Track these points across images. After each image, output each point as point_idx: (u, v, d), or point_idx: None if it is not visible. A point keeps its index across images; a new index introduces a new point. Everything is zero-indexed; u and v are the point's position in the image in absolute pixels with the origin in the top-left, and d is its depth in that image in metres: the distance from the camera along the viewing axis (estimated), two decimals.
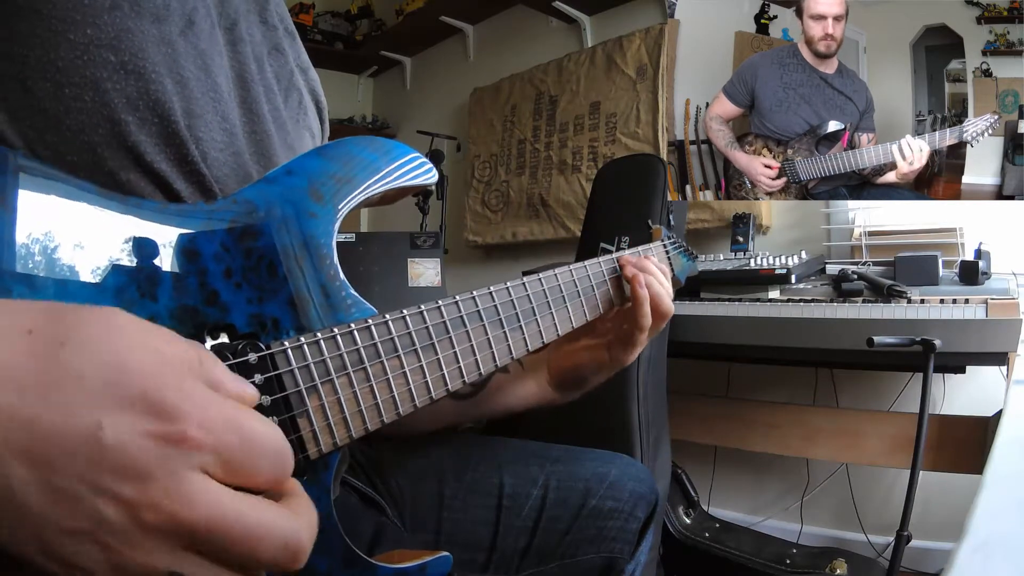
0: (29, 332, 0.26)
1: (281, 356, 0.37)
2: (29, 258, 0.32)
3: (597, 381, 0.73)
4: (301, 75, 0.60)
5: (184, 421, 0.26)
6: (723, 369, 1.94)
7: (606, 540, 0.71)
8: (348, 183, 0.45)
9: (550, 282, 0.57)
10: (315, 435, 0.38)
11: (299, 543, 0.29)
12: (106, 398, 0.25)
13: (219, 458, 0.27)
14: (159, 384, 0.26)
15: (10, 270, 0.31)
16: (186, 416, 0.26)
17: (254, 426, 0.29)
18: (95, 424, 0.25)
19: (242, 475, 0.28)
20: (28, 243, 0.32)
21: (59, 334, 0.26)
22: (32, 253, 0.32)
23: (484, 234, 2.77)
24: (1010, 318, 1.20)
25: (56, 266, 0.33)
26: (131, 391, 0.26)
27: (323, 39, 3.22)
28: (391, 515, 0.69)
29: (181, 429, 0.26)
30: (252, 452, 0.28)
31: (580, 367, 0.71)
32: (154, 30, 0.42)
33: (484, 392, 0.71)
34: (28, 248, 0.32)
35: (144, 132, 0.41)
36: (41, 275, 0.32)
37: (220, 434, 0.27)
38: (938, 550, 1.59)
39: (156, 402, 0.26)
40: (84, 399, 0.25)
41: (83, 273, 0.34)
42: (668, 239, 0.79)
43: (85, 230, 0.34)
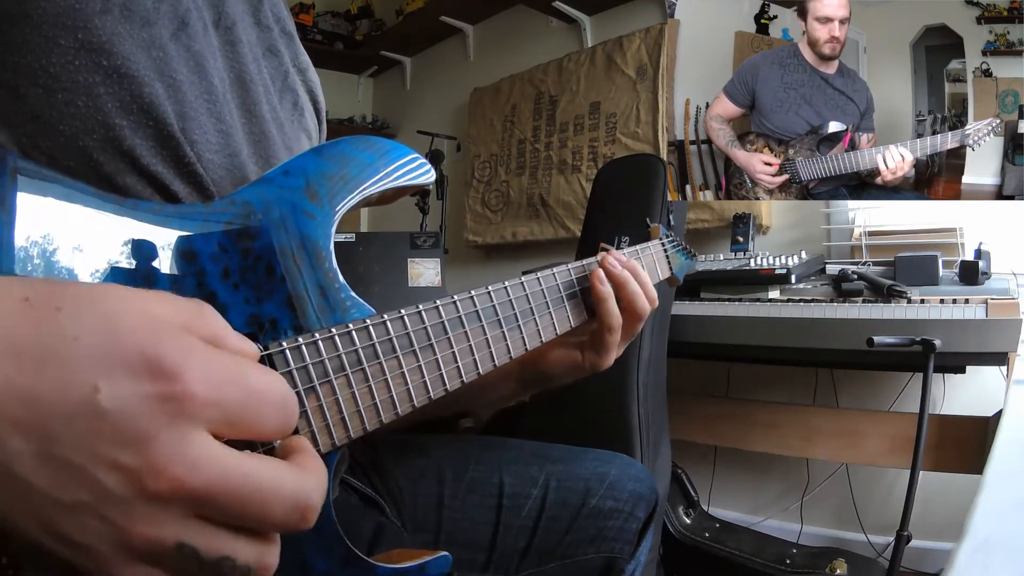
0: (25, 299, 0.25)
1: (279, 357, 0.37)
2: (27, 260, 0.32)
3: (565, 380, 0.67)
4: (299, 75, 0.60)
5: (183, 378, 0.25)
6: (723, 369, 1.94)
7: (606, 540, 0.71)
8: (345, 183, 0.45)
9: (548, 281, 0.57)
10: (314, 436, 0.38)
11: (309, 501, 0.28)
12: (102, 360, 0.25)
13: (223, 413, 0.26)
14: (155, 342, 0.25)
15: (8, 272, 0.31)
16: (185, 373, 0.25)
17: (257, 377, 0.28)
18: (91, 388, 0.24)
19: (247, 428, 0.27)
20: (25, 245, 0.32)
21: (55, 300, 0.25)
22: (29, 255, 0.32)
23: (484, 234, 2.77)
24: (1010, 318, 1.20)
25: (53, 268, 0.32)
26: (127, 351, 0.25)
27: (323, 39, 3.22)
28: (391, 515, 0.69)
29: (181, 387, 0.25)
30: (256, 404, 0.28)
31: (550, 365, 0.65)
32: (144, 34, 0.42)
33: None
34: (25, 250, 0.32)
35: (139, 136, 0.41)
36: (38, 276, 0.32)
37: (222, 389, 0.26)
38: (938, 550, 1.59)
39: (153, 361, 0.25)
40: (79, 363, 0.24)
41: (80, 274, 0.33)
42: (666, 237, 0.78)
43: (82, 231, 0.34)
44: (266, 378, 0.29)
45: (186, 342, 0.26)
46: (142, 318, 0.26)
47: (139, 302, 0.27)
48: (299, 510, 0.28)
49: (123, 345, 0.25)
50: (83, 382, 0.24)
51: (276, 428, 0.29)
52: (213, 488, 0.25)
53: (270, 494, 0.27)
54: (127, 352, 0.25)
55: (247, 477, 0.26)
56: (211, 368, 0.26)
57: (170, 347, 0.26)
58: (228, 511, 0.26)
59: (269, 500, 0.27)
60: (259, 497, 0.27)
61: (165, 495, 0.25)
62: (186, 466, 0.25)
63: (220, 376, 0.27)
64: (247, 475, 0.26)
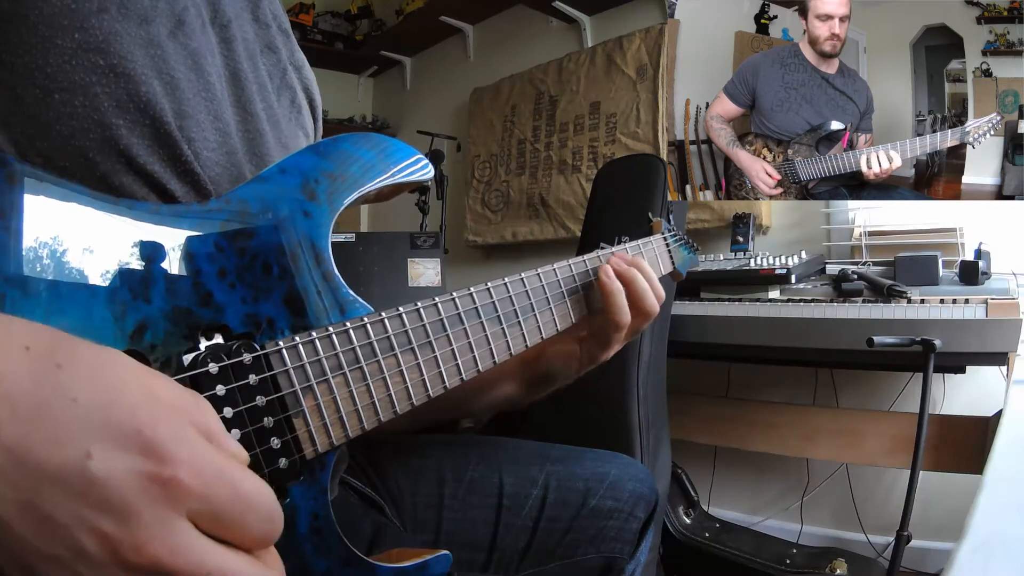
0: (26, 348, 0.25)
1: (276, 356, 0.37)
2: (23, 262, 0.31)
3: (566, 378, 0.67)
4: (295, 73, 0.60)
5: (176, 465, 0.26)
6: (723, 369, 1.94)
7: (606, 540, 0.71)
8: (342, 181, 0.45)
9: (549, 277, 0.57)
10: (311, 435, 0.38)
11: None
12: (97, 428, 0.25)
13: (209, 509, 0.27)
14: (153, 423, 0.26)
15: (3, 274, 0.31)
16: (179, 460, 0.26)
17: (248, 482, 0.28)
18: (83, 453, 0.24)
19: (230, 531, 0.28)
20: (21, 246, 0.31)
21: (56, 354, 0.26)
22: (25, 257, 0.32)
23: (484, 234, 2.77)
24: (1010, 318, 1.20)
25: (48, 269, 0.32)
26: (124, 425, 0.25)
27: (323, 39, 3.22)
28: (391, 515, 0.69)
29: (172, 472, 0.25)
30: (243, 509, 0.28)
31: (549, 360, 0.66)
32: (141, 32, 0.42)
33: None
34: (22, 252, 0.31)
35: (135, 135, 0.41)
36: (33, 278, 0.32)
37: (213, 485, 0.27)
38: (938, 550, 1.59)
39: (149, 441, 0.25)
40: (75, 425, 0.25)
41: (75, 276, 0.33)
42: (668, 232, 0.78)
43: (77, 232, 0.34)
44: (257, 486, 0.29)
45: (183, 431, 0.27)
46: (144, 397, 0.26)
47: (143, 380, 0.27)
48: None
49: (121, 418, 0.25)
50: (76, 445, 0.24)
51: (258, 538, 0.29)
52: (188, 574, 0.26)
53: None
54: (124, 426, 0.25)
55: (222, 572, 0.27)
56: (204, 462, 0.27)
57: (167, 431, 0.26)
58: None
59: None
60: None
61: (140, 569, 0.25)
62: (166, 548, 0.25)
63: (212, 472, 0.27)
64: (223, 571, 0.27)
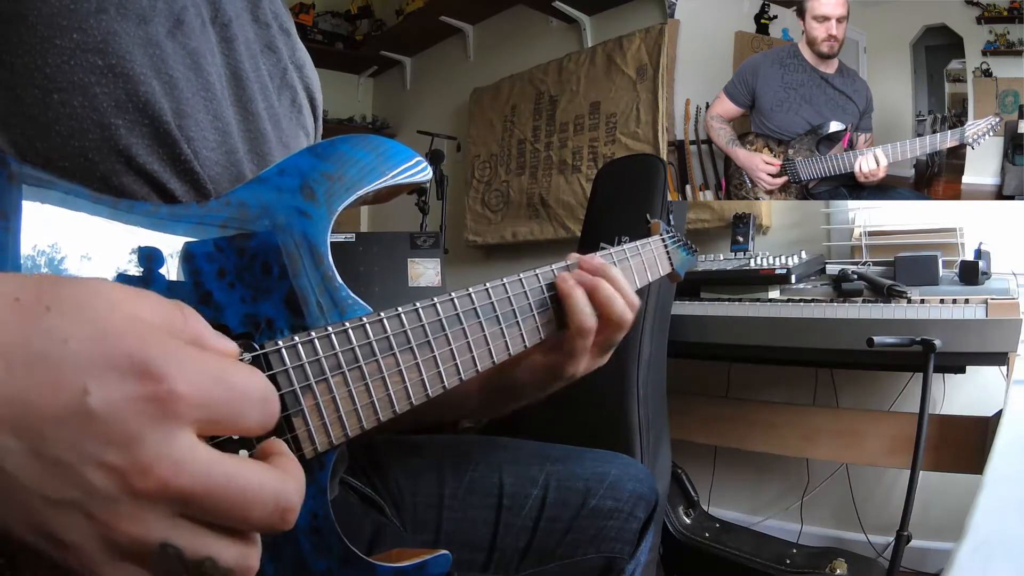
0: (16, 300, 0.26)
1: (275, 355, 0.37)
2: (23, 262, 0.31)
3: (535, 391, 0.62)
4: (296, 72, 0.60)
5: (171, 380, 0.26)
6: (723, 369, 1.94)
7: (606, 540, 0.71)
8: (341, 182, 0.45)
9: (547, 278, 0.57)
10: (310, 434, 0.38)
11: (289, 502, 0.29)
12: (91, 363, 0.25)
13: (208, 412, 0.27)
14: (142, 346, 0.26)
15: None
16: (172, 375, 0.26)
17: (239, 375, 0.29)
18: (81, 390, 0.25)
19: (231, 425, 0.28)
20: (20, 248, 0.31)
21: (44, 299, 0.26)
22: (25, 257, 0.32)
23: (484, 234, 2.77)
24: (1010, 318, 1.20)
25: (48, 269, 0.32)
26: (114, 354, 0.26)
27: (323, 39, 3.22)
28: (390, 515, 0.69)
29: (167, 388, 0.26)
30: (239, 401, 0.28)
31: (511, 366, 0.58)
32: (140, 32, 0.42)
33: None
34: (21, 253, 0.31)
35: (135, 134, 0.41)
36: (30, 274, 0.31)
37: (207, 388, 0.27)
38: (938, 550, 1.59)
39: (140, 363, 0.26)
40: (69, 365, 0.25)
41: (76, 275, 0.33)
42: (667, 233, 0.78)
43: (78, 232, 0.34)
44: (247, 375, 0.29)
45: (171, 345, 0.27)
46: (130, 322, 0.27)
47: (127, 305, 0.27)
48: (279, 511, 0.29)
49: (112, 348, 0.26)
50: (73, 385, 0.25)
51: (258, 424, 0.29)
52: (198, 487, 0.26)
53: (252, 495, 0.27)
54: (116, 355, 0.26)
55: (230, 478, 0.27)
56: (195, 369, 0.27)
57: (157, 350, 0.26)
58: (211, 511, 0.27)
59: (251, 501, 0.27)
60: (241, 497, 0.27)
61: (151, 494, 0.25)
62: (172, 466, 0.25)
63: (204, 376, 0.27)
64: (230, 476, 0.27)
